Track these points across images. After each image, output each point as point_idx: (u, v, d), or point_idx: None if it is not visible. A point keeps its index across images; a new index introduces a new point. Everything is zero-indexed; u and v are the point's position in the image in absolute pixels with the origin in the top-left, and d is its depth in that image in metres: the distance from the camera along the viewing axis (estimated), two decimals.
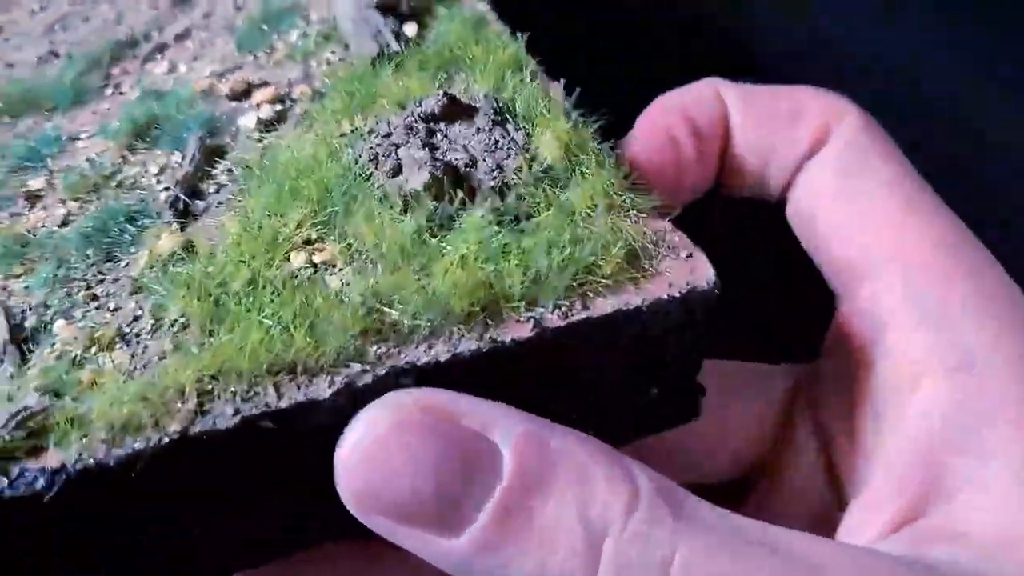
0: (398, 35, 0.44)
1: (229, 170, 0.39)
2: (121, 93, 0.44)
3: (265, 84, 0.44)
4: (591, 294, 0.33)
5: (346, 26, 0.46)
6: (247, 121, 0.41)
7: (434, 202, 0.35)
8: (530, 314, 0.32)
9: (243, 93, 0.43)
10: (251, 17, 0.48)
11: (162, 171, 0.39)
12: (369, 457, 0.29)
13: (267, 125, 0.41)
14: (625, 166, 0.37)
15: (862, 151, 0.37)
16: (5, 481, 0.29)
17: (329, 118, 0.40)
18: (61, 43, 0.48)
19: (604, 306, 0.33)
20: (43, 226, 0.37)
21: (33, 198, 0.39)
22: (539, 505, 0.29)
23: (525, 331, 0.32)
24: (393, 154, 0.36)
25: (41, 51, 0.47)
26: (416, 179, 0.35)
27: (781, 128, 0.39)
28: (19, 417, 0.29)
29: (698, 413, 0.38)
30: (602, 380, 0.35)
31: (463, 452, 0.29)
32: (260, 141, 0.40)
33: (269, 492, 0.32)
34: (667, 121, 0.39)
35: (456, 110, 0.38)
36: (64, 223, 0.37)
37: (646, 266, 0.34)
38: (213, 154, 0.40)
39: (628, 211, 0.35)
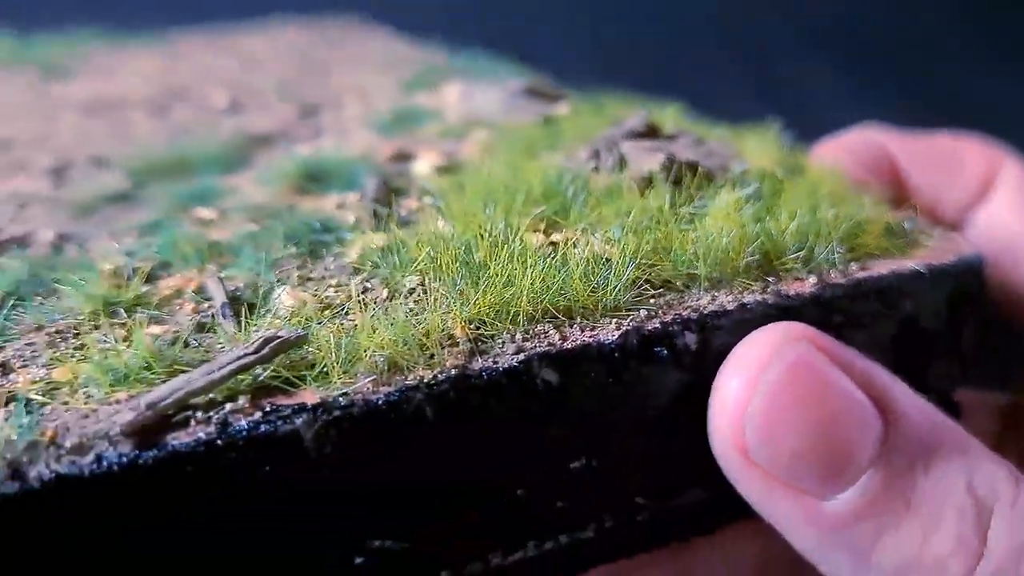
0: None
1: (419, 198, 0.36)
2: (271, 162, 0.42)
3: (421, 151, 0.42)
4: (863, 259, 0.30)
5: (492, 110, 0.45)
6: (421, 168, 0.39)
7: (669, 185, 0.32)
8: (808, 269, 0.29)
9: (404, 157, 0.41)
10: (384, 116, 0.47)
11: (340, 206, 0.36)
12: (761, 408, 0.26)
13: (442, 171, 0.39)
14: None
15: None
16: (257, 415, 0.23)
17: (513, 153, 0.38)
18: (186, 135, 0.46)
19: (881, 268, 0.30)
20: (225, 237, 0.33)
21: (204, 223, 0.35)
22: (924, 472, 0.25)
23: (807, 286, 0.29)
24: (616, 149, 0.34)
25: (167, 136, 0.45)
26: (651, 162, 0.32)
27: (948, 173, 0.39)
28: (274, 343, 0.24)
29: (959, 414, 0.33)
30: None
31: (853, 410, 0.26)
32: (438, 178, 0.38)
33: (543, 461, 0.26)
34: (838, 163, 0.39)
35: (657, 131, 0.37)
36: (250, 234, 0.33)
37: (906, 237, 0.32)
38: (395, 192, 0.37)
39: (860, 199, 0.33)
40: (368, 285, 0.29)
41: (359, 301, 0.28)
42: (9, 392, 0.24)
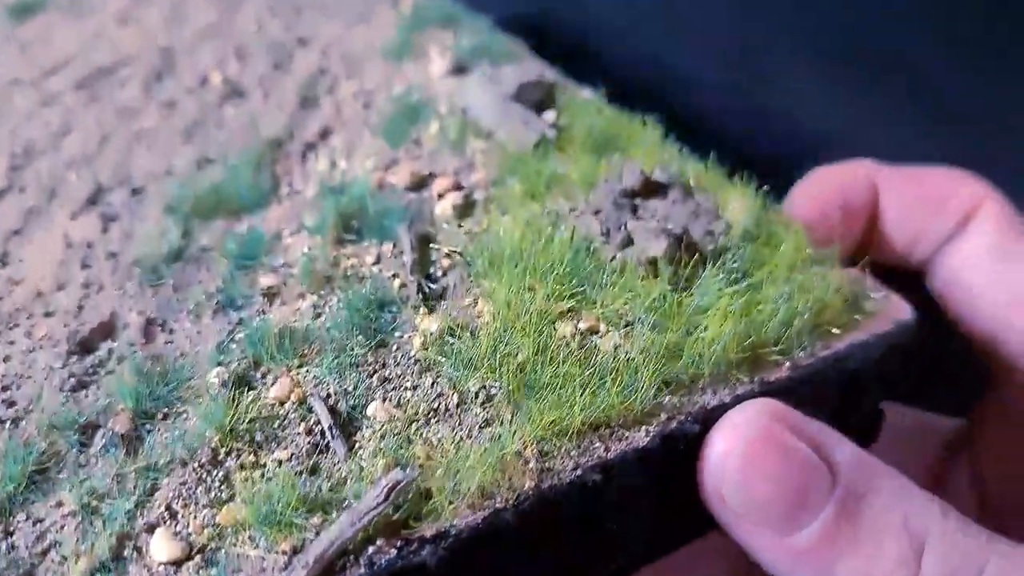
0: (548, 125, 0.48)
1: (447, 255, 0.41)
2: (297, 192, 0.46)
3: (433, 175, 0.46)
4: (824, 336, 0.38)
5: (487, 117, 0.49)
6: (441, 210, 0.44)
7: (670, 266, 0.38)
8: (785, 357, 0.37)
9: (419, 184, 0.45)
10: (385, 115, 0.51)
11: (379, 260, 0.41)
12: (735, 466, 0.33)
13: (461, 212, 0.43)
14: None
15: (1008, 232, 0.42)
16: (393, 552, 0.30)
17: (519, 201, 0.43)
18: (206, 148, 0.49)
19: (839, 343, 0.38)
20: (298, 320, 0.38)
21: (270, 295, 0.40)
22: (867, 510, 0.33)
23: (782, 371, 0.36)
24: (624, 227, 0.40)
25: (193, 156, 0.48)
26: (655, 247, 0.38)
27: (929, 212, 0.43)
28: (398, 488, 0.31)
29: (876, 439, 0.42)
30: (822, 409, 0.39)
31: (807, 465, 0.33)
32: (460, 227, 0.43)
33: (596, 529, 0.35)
34: (822, 196, 0.44)
35: (651, 186, 0.42)
36: (316, 315, 0.39)
37: (858, 307, 0.39)
38: (426, 241, 0.42)
39: (822, 264, 0.40)
40: (439, 387, 0.36)
41: (433, 411, 0.34)
42: (188, 542, 0.31)
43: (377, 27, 0.59)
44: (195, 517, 0.31)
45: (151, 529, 0.31)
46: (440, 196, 0.45)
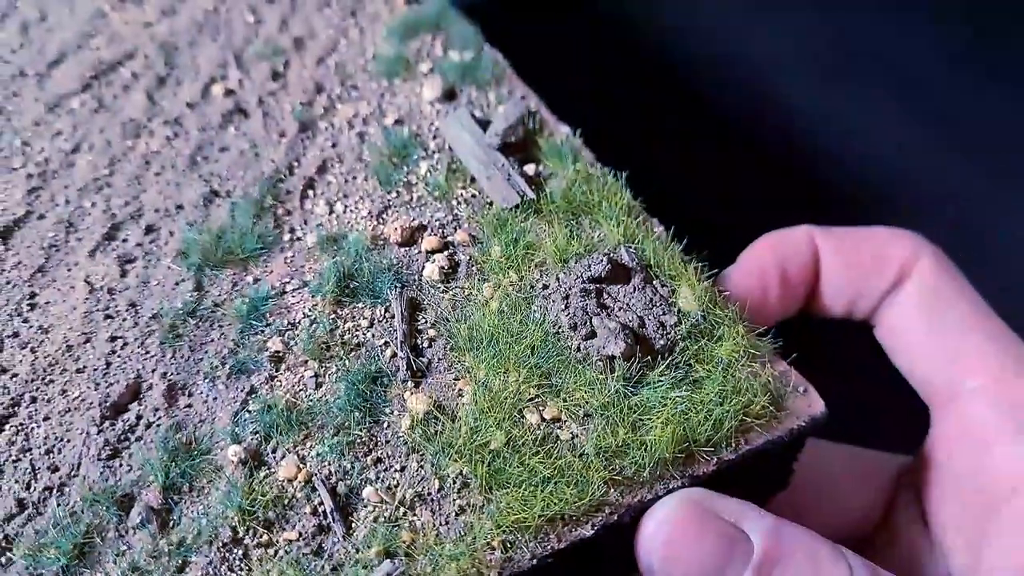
0: (528, 179, 0.52)
1: (434, 324, 0.47)
2: (298, 239, 0.50)
3: (422, 227, 0.51)
4: (747, 432, 0.44)
5: (471, 163, 0.53)
6: (429, 272, 0.48)
7: (625, 363, 0.44)
8: (714, 454, 0.43)
9: (410, 239, 0.50)
10: (378, 150, 0.54)
11: (372, 324, 0.47)
12: (661, 545, 0.40)
13: (447, 275, 0.48)
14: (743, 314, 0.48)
15: (939, 288, 0.48)
16: None
17: (497, 268, 0.48)
18: (211, 178, 0.52)
19: (759, 440, 0.44)
20: (302, 390, 0.44)
21: (276, 360, 0.45)
22: (783, 573, 0.39)
23: (710, 466, 0.43)
24: (588, 323, 0.45)
25: (199, 190, 0.52)
26: (614, 346, 0.44)
27: (868, 272, 0.48)
28: None
29: (786, 486, 0.50)
30: (743, 483, 0.46)
31: (724, 539, 0.40)
32: (445, 292, 0.48)
33: None
34: (762, 268, 0.50)
35: (617, 271, 0.47)
36: (318, 385, 0.44)
37: (780, 404, 0.45)
38: (414, 308, 0.47)
39: (760, 357, 0.46)
40: (423, 472, 0.42)
41: (417, 496, 0.41)
42: None
43: (369, 27, 0.61)
44: None
45: None
46: (428, 254, 0.49)
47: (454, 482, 0.41)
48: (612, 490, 0.42)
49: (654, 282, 0.47)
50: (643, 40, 0.61)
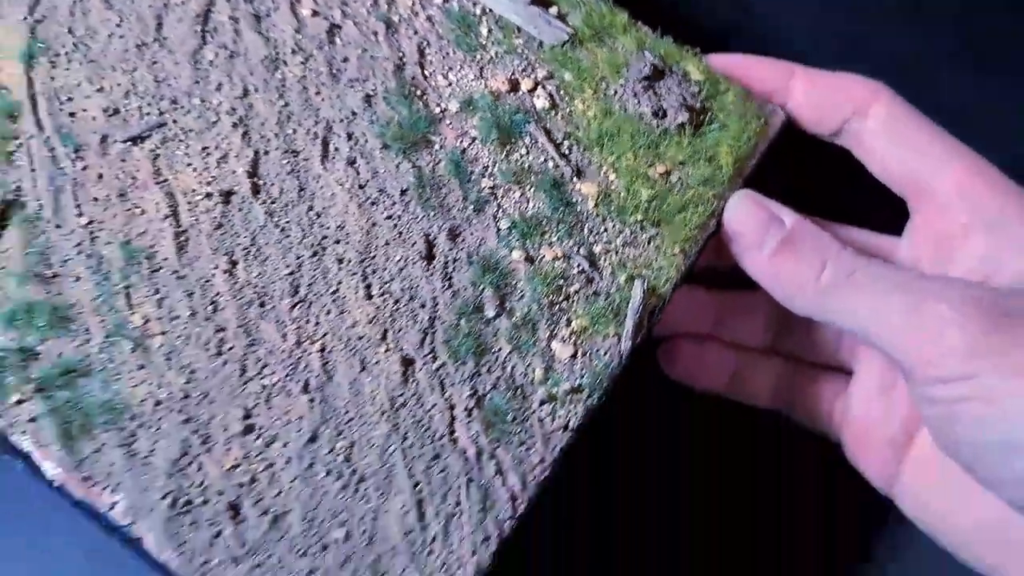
0: (560, 19, 0.75)
1: (563, 139, 0.71)
2: (445, 109, 0.71)
3: (514, 74, 0.73)
4: (757, 144, 0.75)
5: (514, 18, 0.75)
6: (540, 105, 0.72)
7: (690, 126, 0.72)
8: (749, 162, 0.74)
9: (513, 86, 0.72)
10: (446, 26, 0.74)
11: (529, 151, 0.70)
12: (732, 216, 0.66)
13: (551, 103, 0.72)
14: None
15: (902, 111, 0.59)
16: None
17: (577, 88, 0.73)
18: (355, 84, 0.70)
19: (764, 146, 0.75)
20: (522, 204, 0.68)
21: (492, 191, 0.68)
22: (800, 243, 0.64)
23: (748, 171, 0.73)
24: (660, 107, 0.72)
25: (357, 96, 0.70)
26: (682, 116, 0.72)
27: (835, 95, 0.62)
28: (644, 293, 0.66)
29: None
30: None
31: (769, 216, 0.67)
32: (558, 114, 0.72)
33: None
34: (745, 60, 0.77)
35: (656, 70, 0.74)
36: (527, 200, 0.68)
37: (768, 123, 0.76)
38: (547, 132, 0.71)
39: (748, 97, 0.75)
40: (615, 227, 0.69)
41: (627, 243, 0.68)
42: None
43: None
44: None
45: None
46: (529, 93, 0.72)
47: (636, 225, 0.69)
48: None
49: (673, 68, 0.74)
50: None
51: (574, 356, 0.65)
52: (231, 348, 0.56)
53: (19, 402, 0.54)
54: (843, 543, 0.66)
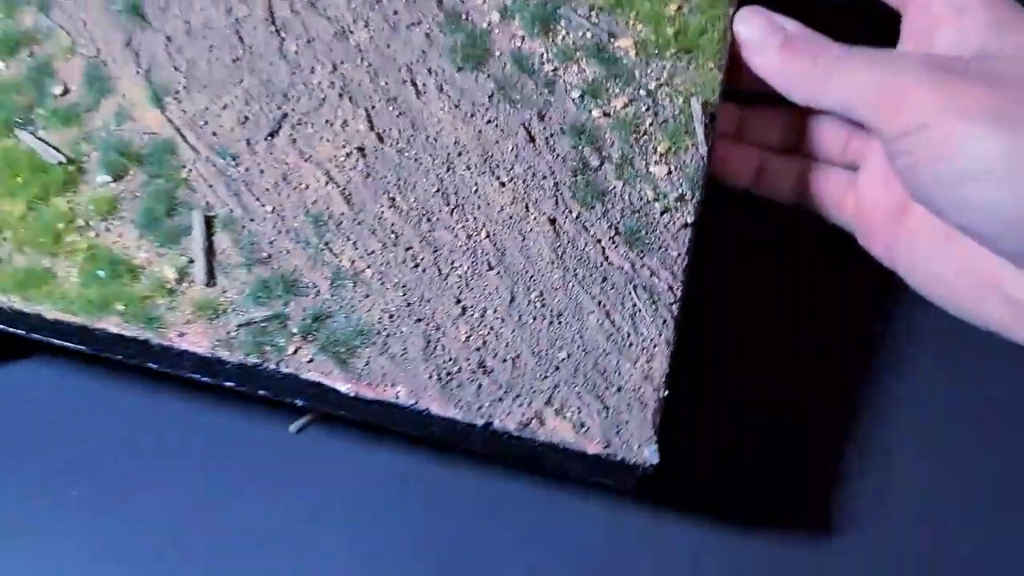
0: None
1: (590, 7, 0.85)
2: (491, 21, 0.84)
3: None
4: None
5: None
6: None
7: None
8: None
9: None
10: None
11: (568, 32, 0.84)
12: (742, 18, 0.76)
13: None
14: None
15: None
16: None
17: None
18: (425, 27, 0.83)
19: None
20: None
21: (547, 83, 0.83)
22: (798, 43, 0.77)
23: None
24: None
25: (435, 45, 0.83)
26: None
27: None
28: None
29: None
30: None
31: (771, 21, 0.80)
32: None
33: None
34: None
35: None
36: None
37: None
38: (576, 11, 0.85)
39: None
40: (665, 99, 0.83)
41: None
42: None
43: None
44: None
45: None
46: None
47: (673, 57, 0.83)
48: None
49: None
50: None
51: (669, 172, 0.80)
52: (423, 258, 0.69)
53: (295, 351, 0.69)
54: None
